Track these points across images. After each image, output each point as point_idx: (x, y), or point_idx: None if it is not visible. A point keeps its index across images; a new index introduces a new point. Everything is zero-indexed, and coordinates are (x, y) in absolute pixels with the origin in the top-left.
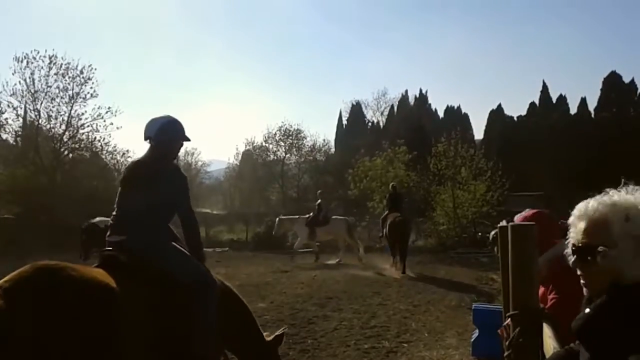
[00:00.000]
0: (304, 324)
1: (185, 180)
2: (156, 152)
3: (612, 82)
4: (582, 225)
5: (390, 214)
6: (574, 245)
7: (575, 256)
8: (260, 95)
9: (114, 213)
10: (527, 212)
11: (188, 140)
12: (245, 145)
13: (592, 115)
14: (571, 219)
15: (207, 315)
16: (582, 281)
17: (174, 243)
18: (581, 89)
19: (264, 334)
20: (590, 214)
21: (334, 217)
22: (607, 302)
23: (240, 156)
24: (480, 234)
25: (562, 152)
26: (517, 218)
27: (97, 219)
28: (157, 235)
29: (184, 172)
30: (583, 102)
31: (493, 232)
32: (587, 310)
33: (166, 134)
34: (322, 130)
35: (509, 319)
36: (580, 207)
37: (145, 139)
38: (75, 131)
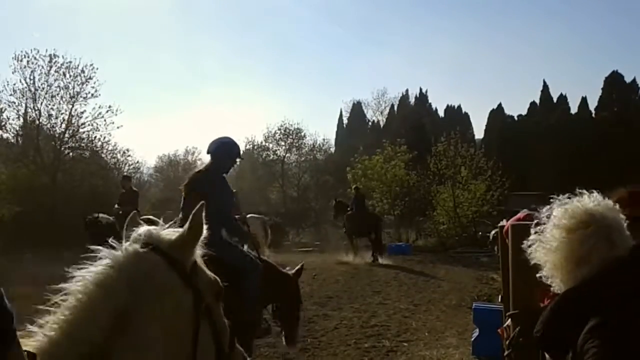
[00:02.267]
0: (304, 323)
1: (230, 190)
2: (213, 165)
3: (613, 81)
4: None
5: (357, 212)
6: None
7: None
8: (260, 95)
9: (180, 215)
10: (522, 213)
11: (240, 158)
12: (245, 145)
13: (593, 115)
14: None
15: (254, 289)
16: None
17: (226, 239)
18: (582, 89)
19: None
20: None
21: (250, 215)
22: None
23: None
24: (480, 233)
25: (562, 152)
26: (513, 220)
27: (100, 215)
28: (215, 234)
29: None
30: (584, 101)
31: (493, 232)
32: None
33: (222, 151)
34: (322, 130)
35: (509, 319)
36: None
37: (207, 152)
38: (75, 130)
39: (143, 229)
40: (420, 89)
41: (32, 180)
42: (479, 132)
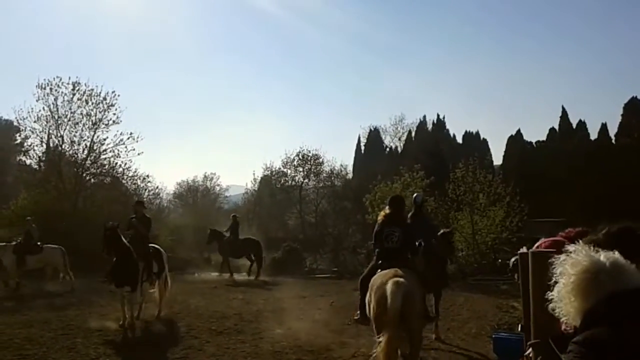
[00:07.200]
0: (322, 351)
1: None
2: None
3: (633, 107)
4: None
5: (233, 237)
6: None
7: None
8: (278, 121)
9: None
10: (543, 240)
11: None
12: (264, 171)
13: (613, 141)
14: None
15: None
16: None
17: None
18: (601, 115)
19: None
20: None
21: (47, 245)
22: None
23: (258, 181)
24: (500, 260)
25: (582, 178)
26: (535, 247)
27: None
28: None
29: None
30: (604, 127)
31: (513, 259)
32: None
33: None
34: (340, 156)
35: (530, 348)
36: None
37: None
38: (97, 156)
39: None
40: (438, 115)
41: (53, 206)
42: (497, 158)
